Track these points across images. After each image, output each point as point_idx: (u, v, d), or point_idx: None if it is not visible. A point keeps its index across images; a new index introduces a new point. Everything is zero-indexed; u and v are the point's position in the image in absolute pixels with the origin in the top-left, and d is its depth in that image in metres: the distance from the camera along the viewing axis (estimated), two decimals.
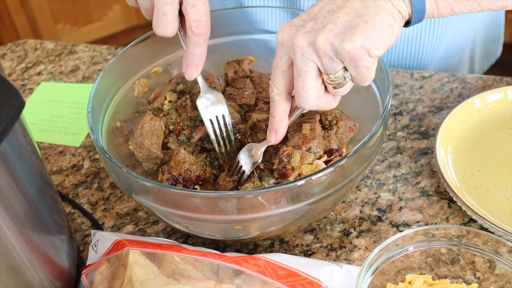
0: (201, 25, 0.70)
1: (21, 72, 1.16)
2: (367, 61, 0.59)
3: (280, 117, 0.68)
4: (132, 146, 0.77)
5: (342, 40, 0.58)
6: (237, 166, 0.72)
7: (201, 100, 0.76)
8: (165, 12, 0.69)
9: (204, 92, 0.76)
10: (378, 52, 0.59)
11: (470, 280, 0.67)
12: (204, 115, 0.75)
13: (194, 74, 0.73)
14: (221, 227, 0.68)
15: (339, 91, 0.63)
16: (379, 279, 0.65)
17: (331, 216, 0.78)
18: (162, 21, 0.70)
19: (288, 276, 0.64)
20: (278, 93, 0.66)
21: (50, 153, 0.95)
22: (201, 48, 0.72)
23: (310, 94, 0.63)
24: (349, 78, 0.62)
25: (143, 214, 0.82)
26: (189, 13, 0.70)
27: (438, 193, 0.80)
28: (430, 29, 1.00)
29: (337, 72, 0.61)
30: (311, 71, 0.61)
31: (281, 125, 0.68)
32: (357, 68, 0.59)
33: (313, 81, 0.62)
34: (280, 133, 0.69)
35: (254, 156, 0.72)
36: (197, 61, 0.72)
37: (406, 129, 0.90)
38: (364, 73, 0.60)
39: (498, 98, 0.88)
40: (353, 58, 0.58)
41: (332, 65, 0.60)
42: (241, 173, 0.72)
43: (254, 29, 0.87)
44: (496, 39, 1.19)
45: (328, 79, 0.62)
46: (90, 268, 0.68)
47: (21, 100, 0.51)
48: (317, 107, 0.65)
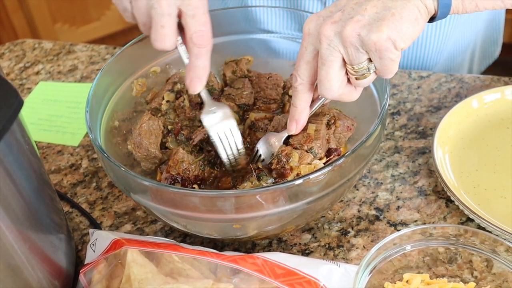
0: (202, 36, 0.67)
1: (19, 71, 1.16)
2: (392, 53, 0.59)
3: (302, 107, 0.68)
4: (131, 146, 0.77)
5: (369, 31, 0.59)
6: (256, 155, 0.72)
7: (207, 116, 0.72)
8: (163, 24, 0.66)
9: (208, 106, 0.73)
10: (403, 45, 0.59)
11: (468, 279, 0.67)
12: (211, 131, 0.72)
13: (198, 87, 0.69)
14: (219, 226, 0.68)
15: (362, 82, 0.63)
16: (376, 278, 0.66)
17: (329, 215, 0.78)
18: (160, 34, 0.66)
19: (286, 275, 0.64)
20: (301, 82, 0.66)
21: (48, 152, 0.95)
22: (203, 60, 0.68)
23: (333, 84, 0.63)
24: (373, 70, 0.62)
25: (141, 213, 0.82)
26: (189, 24, 0.67)
27: (436, 192, 0.80)
28: (436, 31, 1.01)
29: (362, 63, 0.61)
30: (335, 61, 0.62)
31: (302, 115, 0.69)
32: (382, 60, 0.60)
33: (337, 70, 0.62)
34: (300, 123, 0.69)
35: (273, 145, 0.72)
36: (200, 74, 0.69)
37: (404, 129, 0.90)
38: (388, 65, 0.60)
39: (495, 98, 0.89)
40: (379, 49, 0.59)
41: (357, 55, 0.61)
42: (261, 162, 0.72)
43: (254, 28, 0.87)
44: (495, 40, 1.19)
45: (352, 70, 0.62)
46: (88, 267, 0.68)
47: (19, 99, 0.51)
48: (338, 97, 0.65)
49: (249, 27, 0.87)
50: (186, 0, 0.66)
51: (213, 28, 0.74)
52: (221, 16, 0.85)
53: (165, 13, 0.66)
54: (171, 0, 0.66)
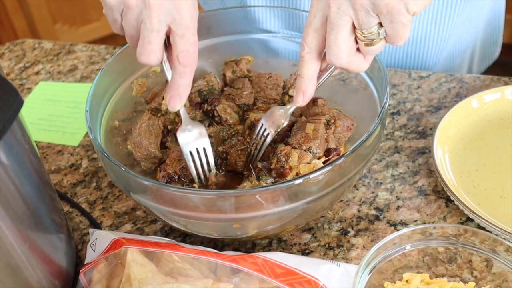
0: (188, 56, 0.67)
1: (19, 71, 1.16)
2: (404, 17, 0.58)
3: (309, 77, 0.66)
4: (131, 146, 0.77)
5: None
6: (260, 129, 0.71)
7: (183, 134, 0.72)
8: (151, 40, 0.66)
9: (185, 124, 0.73)
10: (415, 8, 0.58)
11: (467, 278, 0.67)
12: (184, 149, 0.72)
13: (177, 105, 0.69)
14: (219, 225, 0.68)
15: (371, 49, 0.62)
16: (376, 277, 0.66)
17: (329, 215, 0.78)
18: (147, 49, 0.66)
19: (286, 275, 0.64)
20: (309, 51, 0.65)
21: (48, 152, 0.95)
22: (186, 79, 0.68)
23: (342, 50, 0.62)
24: (383, 35, 0.61)
25: (141, 213, 0.82)
26: (177, 43, 0.67)
27: (436, 192, 0.80)
28: (435, 31, 1.01)
29: (372, 27, 0.60)
30: (345, 25, 0.61)
31: (310, 86, 0.67)
32: (393, 24, 0.59)
33: (346, 36, 0.61)
34: (308, 94, 0.68)
35: (278, 119, 0.70)
36: (181, 92, 0.68)
37: (404, 129, 0.90)
38: (399, 29, 0.59)
39: (495, 98, 0.89)
40: (391, 11, 0.58)
41: (368, 19, 0.59)
42: (265, 137, 0.71)
43: (253, 28, 0.87)
44: (494, 40, 1.19)
45: (361, 35, 0.61)
46: (88, 267, 0.68)
47: (19, 99, 0.52)
48: (347, 65, 0.64)
49: (248, 27, 0.87)
50: (177, 19, 0.66)
51: (212, 28, 0.74)
52: (221, 16, 0.85)
53: (154, 29, 0.65)
54: (162, 17, 0.65)
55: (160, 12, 0.65)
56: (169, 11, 0.66)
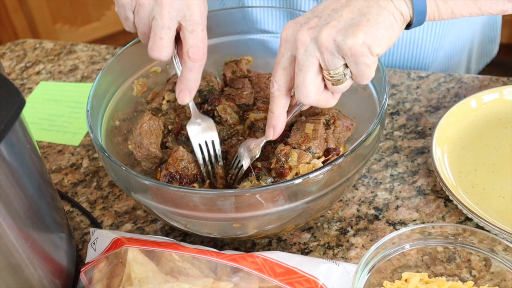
0: (198, 51, 0.71)
1: (20, 71, 1.16)
2: (368, 59, 0.60)
3: (278, 112, 0.68)
4: (131, 146, 0.77)
5: (344, 36, 0.59)
6: (235, 161, 0.73)
7: (192, 126, 0.76)
8: (162, 36, 0.70)
9: (194, 117, 0.76)
10: (379, 50, 0.60)
11: (466, 278, 0.67)
12: (193, 141, 0.75)
13: (186, 99, 0.73)
14: (219, 225, 0.69)
15: (338, 88, 0.64)
16: (375, 277, 0.66)
17: (328, 214, 0.79)
18: (158, 45, 0.70)
19: (285, 274, 0.64)
20: (278, 88, 0.66)
21: (49, 152, 0.96)
22: (195, 74, 0.72)
23: (309, 89, 0.63)
24: (349, 76, 0.62)
25: (141, 212, 0.82)
26: (187, 39, 0.70)
27: (435, 192, 0.80)
28: (431, 31, 1.01)
29: (338, 68, 0.61)
30: (312, 66, 0.62)
31: (279, 121, 0.69)
32: (358, 65, 0.60)
33: (313, 76, 0.63)
34: (278, 129, 0.69)
35: (253, 151, 0.72)
36: (190, 87, 0.72)
37: (403, 129, 0.90)
38: (364, 70, 0.61)
39: (494, 98, 0.89)
40: (355, 54, 0.59)
41: (333, 61, 0.61)
42: (239, 168, 0.72)
43: (252, 29, 0.87)
44: (492, 39, 1.19)
45: (328, 75, 0.63)
46: (89, 266, 0.69)
47: (21, 98, 0.52)
48: (315, 103, 0.65)
49: (248, 27, 0.87)
50: (187, 15, 0.70)
51: (212, 28, 0.74)
52: (221, 17, 0.85)
53: (165, 26, 0.69)
54: (173, 14, 0.69)
55: (171, 9, 0.69)
56: (180, 8, 0.69)
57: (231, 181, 0.74)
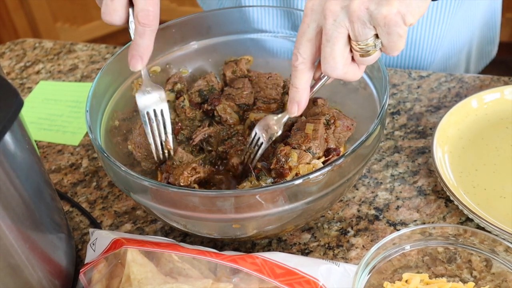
0: (147, 16, 0.68)
1: (19, 71, 1.16)
2: (401, 28, 0.57)
3: (303, 87, 0.65)
4: (131, 146, 0.77)
5: (378, 4, 0.57)
6: (254, 139, 0.71)
7: (142, 95, 0.74)
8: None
9: (145, 86, 0.74)
10: (412, 20, 0.57)
11: (467, 279, 0.67)
12: (142, 110, 0.74)
13: (138, 65, 0.71)
14: (219, 225, 0.68)
15: (366, 59, 0.61)
16: (376, 277, 0.66)
17: (329, 215, 0.78)
18: (110, 8, 0.68)
19: (285, 275, 0.64)
20: (303, 61, 0.64)
21: (48, 151, 0.95)
22: (146, 39, 0.69)
23: (337, 61, 0.61)
24: (379, 47, 0.60)
25: (141, 212, 0.82)
26: (137, 3, 0.68)
27: (435, 192, 0.80)
28: (430, 31, 1.00)
29: (368, 39, 0.59)
30: (341, 37, 0.60)
31: (303, 96, 0.66)
32: (390, 36, 0.58)
33: (342, 47, 0.60)
34: (302, 104, 0.66)
35: (272, 128, 0.70)
36: (142, 53, 0.70)
37: (403, 129, 0.90)
38: (396, 41, 0.58)
39: (495, 98, 0.89)
40: (388, 23, 0.57)
41: (364, 31, 0.58)
42: (259, 146, 0.71)
43: (250, 28, 0.87)
44: (491, 40, 1.19)
45: (357, 46, 0.60)
46: (88, 267, 0.68)
47: (19, 99, 0.52)
48: (343, 76, 0.63)
49: (246, 27, 0.87)
50: None
51: (211, 28, 0.74)
52: (220, 16, 0.85)
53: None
54: None
55: None
56: None
57: (249, 159, 0.73)
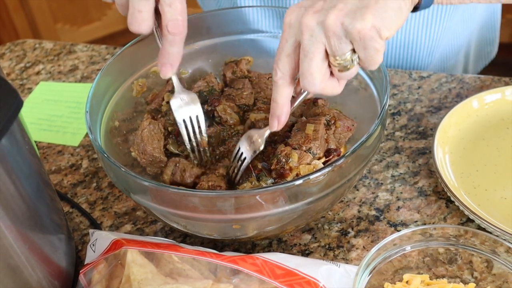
0: (177, 25, 0.69)
1: (20, 71, 1.16)
2: (377, 43, 0.57)
3: (282, 102, 0.66)
4: (134, 153, 0.77)
5: (353, 19, 0.57)
6: (238, 153, 0.71)
7: (175, 100, 0.75)
8: (140, 9, 0.68)
9: (178, 92, 0.75)
10: (388, 34, 0.57)
11: (468, 279, 0.67)
12: (177, 115, 0.75)
13: (168, 73, 0.72)
14: (219, 226, 0.68)
15: (345, 74, 0.61)
16: (376, 278, 0.65)
17: (329, 215, 0.78)
18: (137, 18, 0.68)
19: (285, 276, 0.64)
20: (282, 76, 0.64)
21: (48, 152, 0.95)
22: (177, 47, 0.70)
23: (315, 77, 0.61)
24: (356, 61, 0.60)
25: (141, 213, 0.82)
26: (165, 12, 0.68)
27: (436, 193, 0.80)
28: (427, 33, 1.00)
29: (345, 54, 0.59)
30: (318, 52, 0.60)
31: (283, 111, 0.66)
32: (366, 50, 0.58)
33: (319, 63, 0.60)
34: (282, 119, 0.67)
35: (256, 143, 0.71)
36: (172, 60, 0.71)
37: (404, 129, 0.90)
38: (373, 55, 0.58)
39: (496, 98, 0.88)
40: (363, 38, 0.57)
41: (341, 46, 0.58)
42: (242, 160, 0.71)
43: (249, 29, 0.87)
44: (491, 41, 1.18)
45: (334, 61, 0.60)
46: (88, 267, 0.68)
47: (19, 99, 0.52)
48: (321, 91, 0.63)
49: (243, 27, 0.87)
50: None
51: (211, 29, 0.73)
52: (220, 17, 0.85)
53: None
54: None
55: None
56: None
57: (234, 174, 0.73)
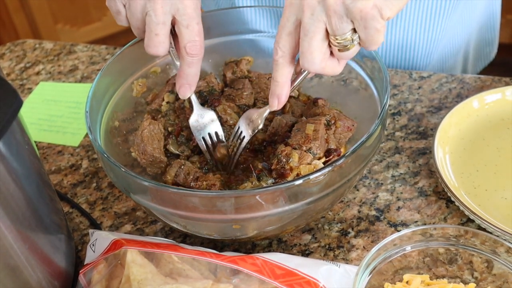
0: (195, 46, 0.70)
1: (20, 72, 1.16)
2: (378, 22, 0.57)
3: (283, 81, 0.66)
4: (135, 154, 0.77)
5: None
6: (237, 132, 0.71)
7: (195, 120, 0.76)
8: (157, 33, 0.69)
9: (197, 110, 0.76)
10: (390, 14, 0.57)
11: (468, 280, 0.67)
12: (197, 135, 0.76)
13: (187, 93, 0.73)
14: (219, 226, 0.68)
15: (345, 54, 0.61)
16: (376, 278, 0.65)
17: (329, 216, 0.78)
18: (154, 41, 0.69)
19: (285, 276, 0.64)
20: (282, 55, 0.64)
21: (48, 152, 0.95)
22: (195, 68, 0.71)
23: (315, 56, 0.61)
24: (357, 41, 0.60)
25: (141, 213, 0.82)
26: (183, 34, 0.69)
27: (436, 193, 0.80)
28: (425, 34, 1.00)
29: (346, 33, 0.59)
30: (318, 31, 0.60)
31: (284, 90, 0.66)
32: (367, 30, 0.58)
33: (319, 42, 0.60)
34: (282, 98, 0.67)
35: (255, 121, 0.71)
36: (190, 81, 0.72)
37: (404, 129, 0.90)
38: (373, 35, 0.58)
39: (496, 98, 0.88)
40: (365, 17, 0.57)
41: (341, 25, 0.58)
42: (241, 139, 0.71)
43: (247, 29, 0.87)
44: (490, 41, 1.18)
45: (335, 41, 0.60)
46: (88, 267, 0.68)
47: (18, 99, 0.51)
48: (321, 71, 0.63)
49: (242, 27, 0.87)
50: (181, 9, 0.68)
51: (210, 29, 0.73)
52: (220, 17, 0.85)
53: (160, 22, 0.68)
54: (167, 8, 0.68)
55: (164, 4, 0.67)
56: (173, 2, 0.68)
57: (233, 153, 0.73)
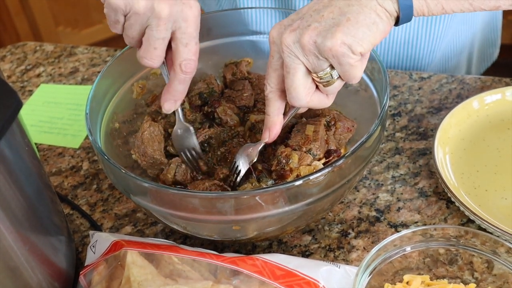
0: (190, 65, 0.71)
1: (20, 74, 1.16)
2: (350, 58, 0.59)
3: (274, 114, 0.68)
4: (135, 155, 0.77)
5: (324, 37, 0.59)
6: (234, 166, 0.72)
7: (174, 135, 0.77)
8: (156, 47, 0.70)
9: (177, 125, 0.77)
10: (361, 49, 0.59)
11: (468, 280, 0.67)
12: (178, 149, 0.77)
13: (172, 108, 0.74)
14: (219, 227, 0.68)
15: (329, 89, 0.64)
16: (376, 279, 0.65)
17: (329, 216, 0.78)
18: (152, 54, 0.70)
19: (285, 277, 0.64)
20: (271, 90, 0.67)
21: (49, 154, 0.95)
22: (185, 85, 0.72)
23: (299, 92, 0.63)
24: (337, 76, 0.62)
25: (141, 215, 0.82)
26: (180, 52, 0.70)
27: (437, 193, 0.80)
28: (427, 31, 1.00)
29: (324, 70, 0.61)
30: (299, 69, 0.62)
31: (276, 123, 0.69)
32: (342, 66, 0.60)
33: (301, 78, 0.63)
34: (274, 131, 0.69)
35: (250, 155, 0.72)
36: (177, 97, 0.73)
37: (404, 130, 0.90)
38: (348, 70, 0.60)
39: (496, 99, 0.88)
40: (336, 55, 0.59)
41: (318, 63, 0.61)
42: (238, 173, 0.72)
43: (248, 31, 0.87)
44: (493, 42, 1.18)
45: (316, 77, 0.62)
46: (88, 269, 0.68)
47: (18, 100, 0.51)
48: (308, 105, 0.65)
49: (244, 29, 0.87)
50: (183, 28, 0.69)
51: (211, 30, 0.73)
52: (221, 18, 0.85)
53: (160, 37, 0.69)
54: (169, 25, 0.69)
55: (168, 21, 0.68)
56: (176, 19, 0.69)
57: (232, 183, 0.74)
